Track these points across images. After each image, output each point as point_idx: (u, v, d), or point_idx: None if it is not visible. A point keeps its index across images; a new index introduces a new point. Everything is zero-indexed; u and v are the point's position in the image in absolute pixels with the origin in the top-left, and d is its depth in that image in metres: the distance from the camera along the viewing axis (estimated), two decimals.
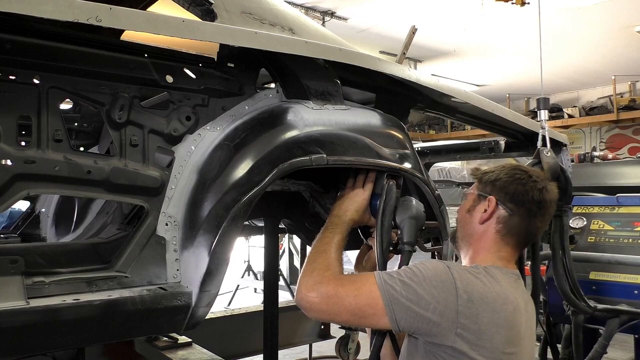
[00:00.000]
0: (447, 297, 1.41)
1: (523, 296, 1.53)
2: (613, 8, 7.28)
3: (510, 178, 1.58)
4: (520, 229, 1.55)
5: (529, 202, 1.54)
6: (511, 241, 1.56)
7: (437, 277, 1.44)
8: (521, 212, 1.54)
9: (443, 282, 1.43)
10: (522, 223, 1.55)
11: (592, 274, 2.68)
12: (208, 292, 1.59)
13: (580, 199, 3.14)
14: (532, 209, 1.54)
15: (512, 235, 1.55)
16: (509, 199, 1.56)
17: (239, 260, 8.18)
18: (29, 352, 1.45)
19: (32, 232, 2.58)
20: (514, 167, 1.63)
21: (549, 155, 2.29)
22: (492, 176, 1.63)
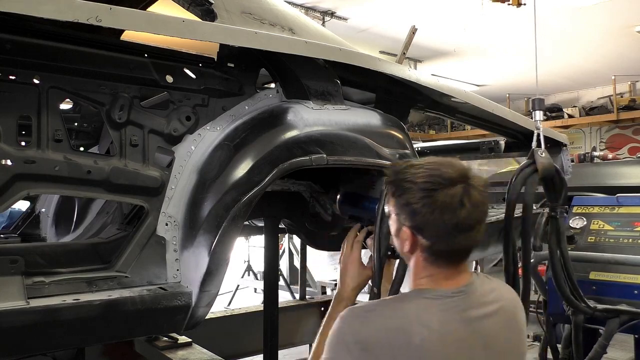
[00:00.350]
0: (342, 357, 1.25)
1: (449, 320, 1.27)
2: (613, 8, 7.27)
3: (419, 203, 1.28)
4: (447, 252, 1.31)
5: (445, 229, 1.27)
6: (442, 263, 1.33)
7: (332, 344, 1.28)
8: (441, 240, 1.29)
9: (335, 345, 1.27)
10: (448, 246, 1.30)
11: (592, 274, 2.67)
12: (208, 292, 1.60)
13: (580, 199, 3.14)
14: (451, 233, 1.27)
15: (441, 257, 1.32)
16: (422, 231, 1.30)
17: (239, 260, 8.18)
18: (29, 352, 1.45)
19: (32, 232, 2.58)
20: (425, 181, 1.29)
21: (543, 156, 2.29)
22: (403, 198, 1.32)
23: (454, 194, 1.25)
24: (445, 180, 1.27)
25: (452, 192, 1.26)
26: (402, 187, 1.31)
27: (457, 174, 1.28)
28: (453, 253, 1.32)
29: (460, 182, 1.27)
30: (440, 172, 1.28)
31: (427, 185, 1.27)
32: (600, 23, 7.89)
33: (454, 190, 1.26)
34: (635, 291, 2.53)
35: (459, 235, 1.28)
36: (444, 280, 1.32)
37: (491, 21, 7.70)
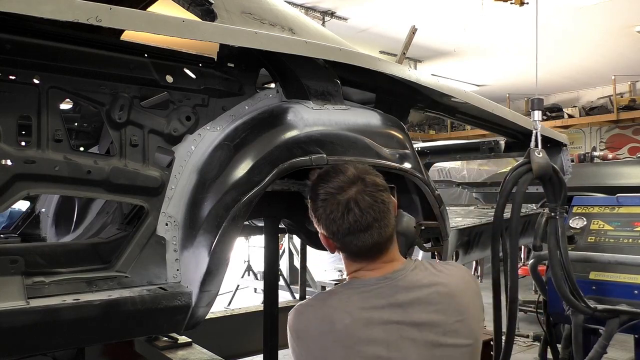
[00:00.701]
0: (291, 348, 1.39)
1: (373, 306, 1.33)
2: (613, 8, 7.28)
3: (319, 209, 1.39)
4: (357, 251, 1.39)
5: (341, 232, 1.36)
6: (360, 259, 1.41)
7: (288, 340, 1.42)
8: (345, 241, 1.38)
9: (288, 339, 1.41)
10: (354, 246, 1.38)
11: (592, 274, 2.67)
12: (208, 292, 1.59)
13: (580, 199, 3.14)
14: (350, 235, 1.36)
15: (356, 255, 1.41)
16: (328, 235, 1.40)
17: (239, 260, 8.18)
18: (29, 352, 1.45)
19: (32, 232, 2.58)
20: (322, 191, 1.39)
21: (540, 156, 2.29)
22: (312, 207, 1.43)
23: (341, 201, 1.36)
24: (334, 189, 1.38)
25: (340, 198, 1.36)
26: (312, 198, 1.44)
27: (346, 180, 1.38)
28: (364, 250, 1.39)
29: (349, 187, 1.37)
30: (331, 182, 1.39)
31: (322, 196, 1.39)
32: (600, 23, 7.89)
33: (343, 196, 1.36)
34: (635, 291, 2.53)
35: (358, 236, 1.37)
36: (369, 272, 1.42)
37: (491, 21, 7.71)
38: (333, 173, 1.42)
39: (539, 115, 2.43)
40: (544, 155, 2.31)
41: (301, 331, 1.38)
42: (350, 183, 1.38)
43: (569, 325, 2.63)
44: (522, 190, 2.28)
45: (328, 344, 1.32)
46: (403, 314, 1.34)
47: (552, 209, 2.39)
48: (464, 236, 2.59)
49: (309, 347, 1.35)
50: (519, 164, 2.31)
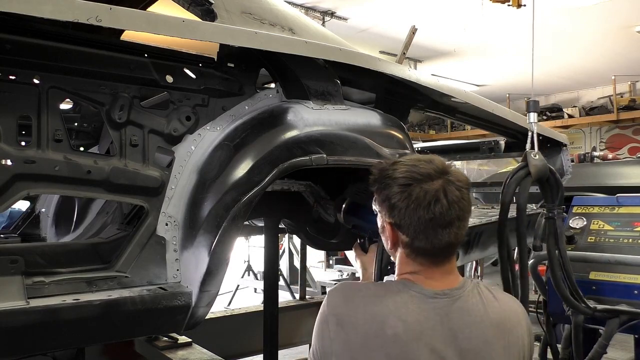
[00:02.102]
0: (321, 330, 1.29)
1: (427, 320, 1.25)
2: (613, 8, 7.28)
3: (395, 198, 1.29)
4: (427, 248, 1.30)
5: (421, 226, 1.27)
6: (424, 260, 1.32)
7: (319, 315, 1.32)
8: (419, 236, 1.28)
9: (320, 316, 1.32)
10: (427, 242, 1.28)
11: (592, 274, 2.67)
12: (208, 292, 1.60)
13: (580, 199, 3.14)
14: (428, 228, 1.27)
15: (422, 254, 1.31)
16: (401, 226, 1.30)
17: (239, 260, 8.18)
18: (29, 352, 1.45)
19: (32, 232, 2.58)
20: (402, 176, 1.30)
21: (536, 158, 2.29)
22: (384, 194, 1.34)
23: (429, 190, 1.27)
24: (421, 176, 1.28)
25: (427, 187, 1.27)
26: (383, 184, 1.34)
27: (435, 169, 1.30)
28: (433, 250, 1.30)
29: (438, 177, 1.29)
30: (417, 167, 1.30)
31: (403, 181, 1.29)
32: (600, 23, 7.89)
33: (430, 185, 1.27)
34: (635, 291, 2.52)
35: (437, 231, 1.28)
36: (427, 279, 1.31)
37: (491, 21, 7.71)
38: (417, 160, 1.33)
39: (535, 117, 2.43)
40: (540, 157, 2.31)
41: (346, 320, 1.26)
42: (439, 173, 1.29)
43: (569, 325, 2.63)
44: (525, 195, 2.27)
45: (372, 346, 1.22)
46: (452, 337, 1.25)
47: (550, 209, 2.39)
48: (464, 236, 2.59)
49: (349, 339, 1.24)
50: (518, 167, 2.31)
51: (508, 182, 2.28)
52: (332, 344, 1.26)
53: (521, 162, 2.30)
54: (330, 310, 1.29)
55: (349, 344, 1.24)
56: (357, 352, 1.23)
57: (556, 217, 2.38)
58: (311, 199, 2.29)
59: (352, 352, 1.23)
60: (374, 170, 1.39)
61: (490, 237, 2.47)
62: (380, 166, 1.39)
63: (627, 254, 2.58)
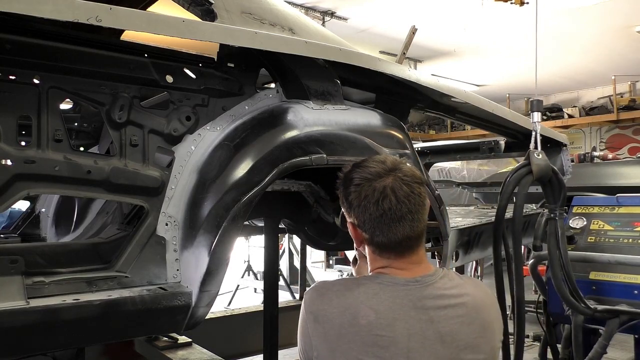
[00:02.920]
0: (302, 329, 1.33)
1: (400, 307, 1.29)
2: (613, 8, 7.27)
3: (352, 195, 1.36)
4: (387, 243, 1.35)
5: (373, 222, 1.33)
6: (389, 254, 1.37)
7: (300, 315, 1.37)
8: (376, 232, 1.34)
9: (300, 316, 1.36)
10: (385, 237, 1.34)
11: (592, 274, 2.67)
12: (208, 292, 1.60)
13: (580, 199, 3.14)
14: (381, 224, 1.33)
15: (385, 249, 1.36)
16: (359, 224, 1.37)
17: (239, 260, 8.18)
18: (29, 352, 1.45)
19: (32, 232, 2.58)
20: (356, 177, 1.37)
21: (539, 158, 2.29)
22: (344, 194, 1.40)
23: (377, 187, 1.33)
24: (371, 175, 1.35)
25: (377, 185, 1.34)
26: (343, 185, 1.41)
27: (384, 168, 1.36)
28: (392, 244, 1.35)
29: (387, 175, 1.35)
30: (368, 168, 1.37)
31: (357, 181, 1.37)
32: (600, 23, 7.89)
33: (379, 183, 1.34)
34: (635, 291, 2.53)
35: (390, 226, 1.33)
36: (397, 270, 1.36)
37: (491, 21, 7.71)
38: (370, 161, 1.40)
39: (539, 117, 2.43)
40: (543, 156, 2.31)
41: (321, 315, 1.31)
42: (388, 171, 1.35)
43: (569, 325, 2.63)
44: (524, 193, 2.28)
45: (348, 336, 1.27)
46: (429, 321, 1.29)
47: (552, 210, 2.39)
48: (464, 236, 2.59)
49: (327, 333, 1.29)
50: (519, 165, 2.32)
51: (508, 180, 2.28)
52: (312, 340, 1.31)
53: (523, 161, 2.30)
54: (307, 307, 1.35)
55: (326, 337, 1.29)
56: (334, 344, 1.28)
57: (558, 218, 2.38)
58: (311, 199, 2.29)
59: (329, 344, 1.28)
60: (340, 173, 1.45)
61: (490, 237, 2.47)
62: (345, 169, 1.45)
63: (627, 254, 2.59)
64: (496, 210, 2.27)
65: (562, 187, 2.38)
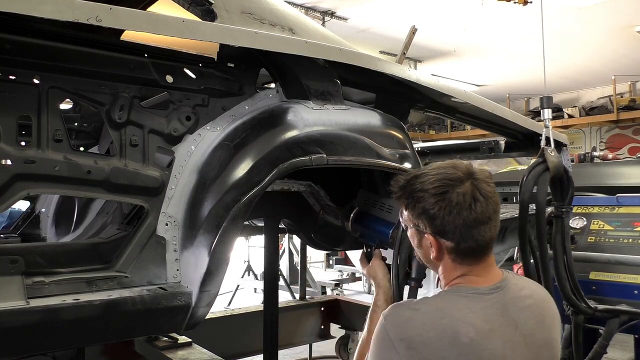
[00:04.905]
0: (389, 357, 1.28)
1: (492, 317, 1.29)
2: (613, 8, 7.27)
3: (435, 207, 1.33)
4: (473, 248, 1.34)
5: (466, 227, 1.31)
6: (471, 260, 1.36)
7: (376, 342, 1.32)
8: (465, 238, 1.32)
9: (380, 342, 1.31)
10: (473, 242, 1.32)
11: (592, 274, 2.68)
12: (208, 292, 1.59)
13: (580, 199, 3.14)
14: (472, 228, 1.31)
15: (469, 255, 1.35)
16: (445, 233, 1.33)
17: (239, 260, 8.18)
18: (29, 352, 1.45)
19: (32, 232, 2.58)
20: (435, 186, 1.34)
21: (553, 155, 2.27)
22: (419, 207, 1.36)
23: (465, 192, 1.31)
24: (453, 181, 1.33)
25: (463, 190, 1.31)
26: (415, 197, 1.37)
27: (462, 172, 1.34)
28: (479, 248, 1.35)
29: (467, 179, 1.33)
30: (446, 174, 1.34)
31: (438, 190, 1.33)
32: (600, 23, 7.89)
33: (464, 187, 1.32)
34: (635, 291, 2.53)
35: (480, 229, 1.32)
36: (476, 277, 1.36)
37: (491, 21, 7.71)
38: (441, 168, 1.37)
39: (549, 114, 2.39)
40: (556, 153, 2.29)
41: (415, 341, 1.25)
42: (467, 174, 1.33)
43: (569, 325, 2.63)
44: (545, 190, 2.24)
45: (450, 356, 1.23)
46: (514, 326, 1.30)
47: (558, 207, 2.37)
48: None
49: (425, 358, 1.24)
50: (535, 163, 2.28)
51: (526, 179, 2.25)
52: None
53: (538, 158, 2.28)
54: (396, 335, 1.28)
55: None
56: None
57: (564, 216, 2.36)
58: (311, 200, 2.29)
59: None
60: (395, 188, 1.43)
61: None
62: (399, 183, 1.42)
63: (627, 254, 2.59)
64: (519, 211, 2.24)
65: (571, 185, 2.37)
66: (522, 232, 2.25)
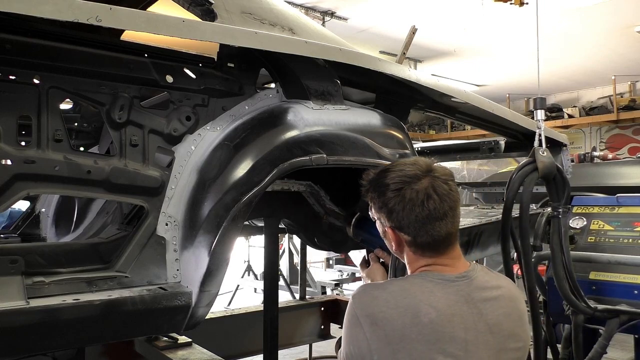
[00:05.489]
0: (355, 333, 1.33)
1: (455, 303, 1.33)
2: (613, 8, 7.27)
3: (391, 202, 1.39)
4: (430, 242, 1.38)
5: (419, 223, 1.36)
6: (431, 253, 1.40)
7: (346, 320, 1.37)
8: (420, 232, 1.37)
9: (349, 320, 1.36)
10: (429, 237, 1.37)
11: (592, 274, 2.67)
12: (208, 292, 1.60)
13: (580, 199, 3.14)
14: (426, 224, 1.36)
15: (427, 248, 1.40)
16: (402, 227, 1.39)
17: (239, 260, 8.19)
18: (29, 352, 1.45)
19: (32, 232, 2.58)
20: (393, 182, 1.40)
21: (544, 155, 2.29)
22: (380, 200, 1.43)
23: (419, 189, 1.38)
24: (410, 178, 1.40)
25: (417, 187, 1.38)
26: (377, 191, 1.45)
27: (420, 169, 1.41)
28: (436, 242, 1.40)
29: (424, 176, 1.39)
30: (404, 171, 1.42)
31: (396, 185, 1.40)
32: (600, 23, 7.89)
33: (420, 185, 1.38)
34: (635, 291, 2.53)
35: (434, 224, 1.37)
36: (442, 267, 1.41)
37: (491, 21, 7.71)
38: (402, 165, 1.44)
39: (542, 115, 2.42)
40: (548, 154, 2.30)
41: (379, 317, 1.30)
42: (425, 172, 1.39)
43: (569, 325, 2.63)
44: (530, 190, 2.27)
45: (411, 335, 1.28)
46: (478, 314, 1.35)
47: (555, 208, 2.38)
48: (464, 236, 2.59)
49: (387, 335, 1.29)
50: (524, 163, 2.31)
51: (513, 178, 2.27)
52: (370, 344, 1.30)
53: (528, 158, 2.30)
54: (361, 311, 1.34)
55: (388, 338, 1.29)
56: (397, 345, 1.28)
57: (561, 216, 2.37)
58: (311, 200, 2.29)
59: (392, 345, 1.29)
60: (364, 181, 1.50)
61: (490, 237, 2.47)
62: (369, 177, 1.50)
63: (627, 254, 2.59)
64: (503, 209, 2.26)
65: (567, 185, 2.38)
66: (505, 230, 2.28)
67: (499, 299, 1.40)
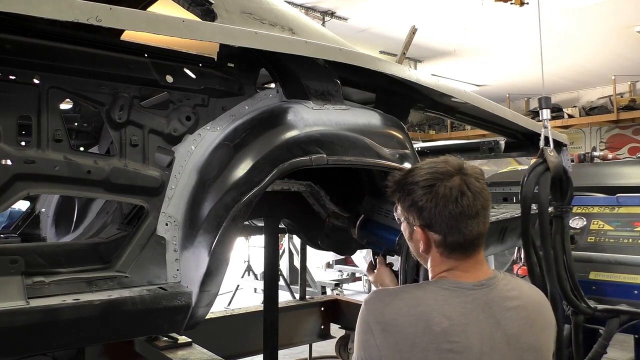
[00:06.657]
0: (366, 340, 1.31)
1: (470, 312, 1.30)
2: (613, 8, 7.27)
3: (422, 200, 1.35)
4: (461, 242, 1.35)
5: (452, 220, 1.33)
6: (458, 254, 1.37)
7: (358, 325, 1.35)
8: (452, 230, 1.34)
9: (360, 325, 1.34)
10: (460, 236, 1.34)
11: (592, 274, 2.68)
12: (208, 292, 1.60)
13: (580, 199, 3.14)
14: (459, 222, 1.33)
15: (456, 249, 1.36)
16: (432, 226, 1.36)
17: (239, 260, 8.18)
18: (29, 352, 1.45)
19: (32, 232, 2.58)
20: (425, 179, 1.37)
21: (552, 154, 2.27)
22: (409, 199, 1.39)
23: (453, 185, 1.34)
24: (442, 175, 1.35)
25: (451, 183, 1.34)
26: (406, 190, 1.40)
27: (453, 167, 1.37)
28: (466, 242, 1.36)
29: (457, 174, 1.36)
30: (436, 168, 1.38)
31: (427, 182, 1.36)
32: (600, 23, 7.88)
33: (452, 181, 1.34)
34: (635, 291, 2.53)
35: (467, 223, 1.34)
36: (462, 273, 1.37)
37: (491, 21, 7.70)
38: (432, 163, 1.40)
39: (548, 114, 2.40)
40: (555, 153, 2.29)
41: (390, 325, 1.28)
42: (457, 169, 1.36)
43: (569, 325, 2.63)
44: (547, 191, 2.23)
45: (422, 344, 1.25)
46: (496, 325, 1.31)
47: (558, 207, 2.37)
48: None
49: (398, 343, 1.26)
50: (535, 164, 2.28)
51: (527, 180, 2.24)
52: (381, 351, 1.28)
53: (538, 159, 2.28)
54: (373, 318, 1.32)
55: (398, 346, 1.27)
56: (407, 353, 1.26)
57: (564, 216, 2.36)
58: (311, 200, 2.29)
59: (402, 353, 1.26)
60: (390, 182, 1.46)
61: (490, 238, 2.46)
62: (395, 178, 1.45)
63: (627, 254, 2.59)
64: (521, 212, 2.23)
65: (570, 185, 2.37)
66: (526, 233, 2.23)
67: (519, 309, 1.35)
